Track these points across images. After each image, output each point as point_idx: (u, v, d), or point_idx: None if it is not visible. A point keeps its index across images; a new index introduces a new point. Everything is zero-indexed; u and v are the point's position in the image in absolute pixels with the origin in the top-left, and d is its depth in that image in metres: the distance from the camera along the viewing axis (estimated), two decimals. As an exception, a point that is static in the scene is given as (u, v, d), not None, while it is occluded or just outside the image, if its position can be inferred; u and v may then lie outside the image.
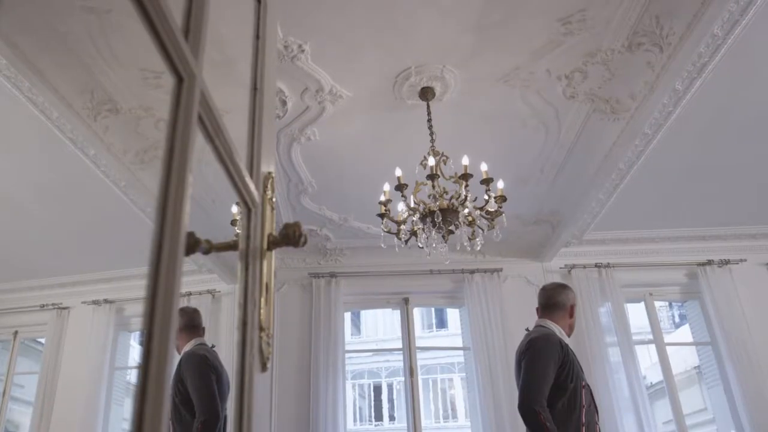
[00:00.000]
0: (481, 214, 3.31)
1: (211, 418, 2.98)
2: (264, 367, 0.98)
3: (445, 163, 3.37)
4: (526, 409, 2.63)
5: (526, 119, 3.88)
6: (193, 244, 0.81)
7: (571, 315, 2.99)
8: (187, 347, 3.27)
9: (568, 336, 2.94)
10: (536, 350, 2.77)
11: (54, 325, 6.05)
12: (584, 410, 2.71)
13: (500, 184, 3.45)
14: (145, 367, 0.53)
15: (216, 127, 0.78)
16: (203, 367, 3.14)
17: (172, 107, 0.65)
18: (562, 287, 3.06)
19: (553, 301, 2.99)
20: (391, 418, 15.77)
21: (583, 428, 2.68)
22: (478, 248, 3.41)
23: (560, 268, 5.84)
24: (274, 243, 1.01)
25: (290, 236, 1.00)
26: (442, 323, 16.43)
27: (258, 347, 0.95)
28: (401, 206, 3.40)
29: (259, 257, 0.98)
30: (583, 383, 2.76)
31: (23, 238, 5.27)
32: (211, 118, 0.76)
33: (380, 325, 16.38)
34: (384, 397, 16.06)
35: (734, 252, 5.72)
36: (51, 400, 5.73)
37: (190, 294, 5.81)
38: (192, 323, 3.39)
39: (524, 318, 5.66)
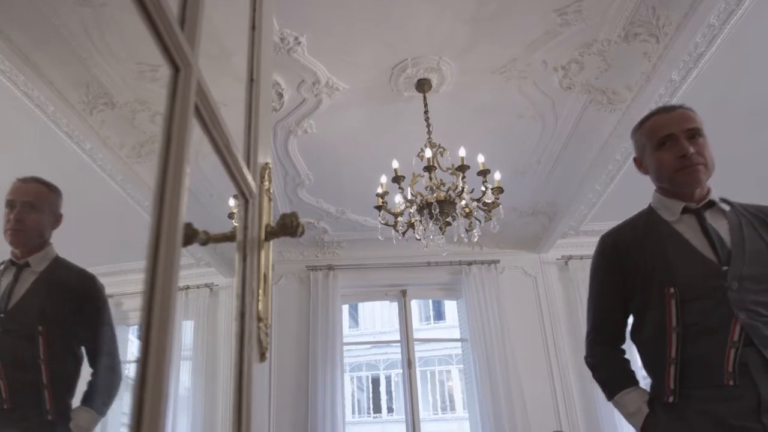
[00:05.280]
0: (478, 206, 3.32)
1: (120, 372, 2.15)
2: (263, 357, 0.98)
3: (442, 155, 3.37)
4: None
5: (522, 111, 3.88)
6: (191, 235, 0.81)
7: (659, 147, 1.83)
8: (52, 251, 2.24)
9: (678, 182, 1.79)
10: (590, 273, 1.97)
11: (52, 320, 6.04)
12: (673, 335, 1.57)
13: (497, 176, 3.46)
14: (143, 362, 0.53)
15: (213, 117, 0.78)
16: (107, 303, 2.20)
17: (169, 97, 0.65)
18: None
19: (635, 160, 1.96)
20: (390, 410, 15.85)
21: (670, 368, 1.56)
22: (476, 240, 3.42)
23: (557, 259, 5.86)
24: (271, 233, 1.02)
25: (287, 226, 1.00)
26: (439, 315, 16.47)
27: (256, 337, 0.96)
28: (398, 198, 3.40)
29: (257, 248, 0.98)
30: (671, 290, 1.59)
31: (20, 233, 5.25)
32: (207, 108, 0.76)
33: (378, 317, 16.42)
34: (382, 389, 16.13)
35: (730, 242, 5.72)
36: (50, 394, 5.73)
37: (188, 288, 5.82)
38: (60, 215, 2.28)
39: (522, 309, 5.73)
